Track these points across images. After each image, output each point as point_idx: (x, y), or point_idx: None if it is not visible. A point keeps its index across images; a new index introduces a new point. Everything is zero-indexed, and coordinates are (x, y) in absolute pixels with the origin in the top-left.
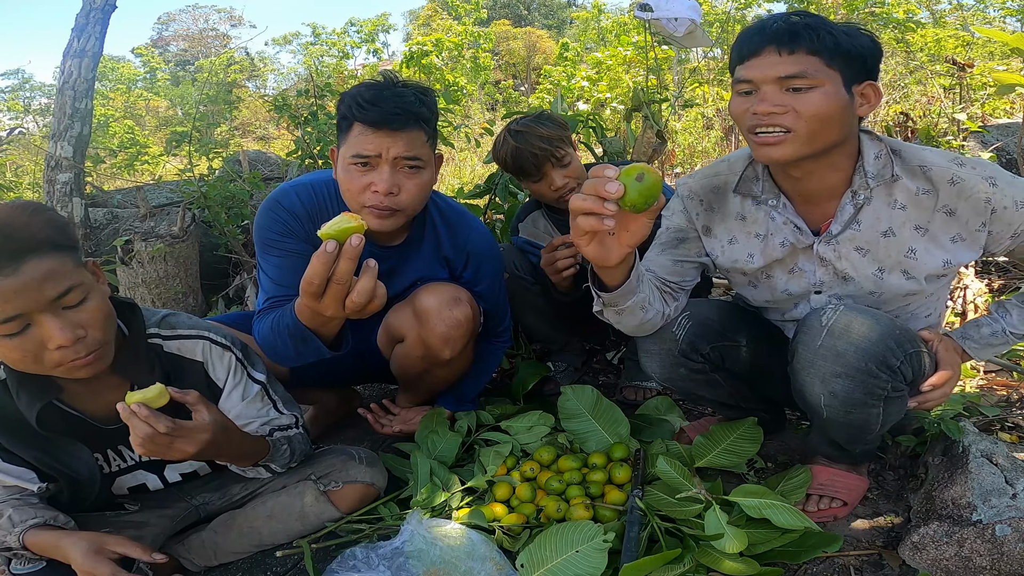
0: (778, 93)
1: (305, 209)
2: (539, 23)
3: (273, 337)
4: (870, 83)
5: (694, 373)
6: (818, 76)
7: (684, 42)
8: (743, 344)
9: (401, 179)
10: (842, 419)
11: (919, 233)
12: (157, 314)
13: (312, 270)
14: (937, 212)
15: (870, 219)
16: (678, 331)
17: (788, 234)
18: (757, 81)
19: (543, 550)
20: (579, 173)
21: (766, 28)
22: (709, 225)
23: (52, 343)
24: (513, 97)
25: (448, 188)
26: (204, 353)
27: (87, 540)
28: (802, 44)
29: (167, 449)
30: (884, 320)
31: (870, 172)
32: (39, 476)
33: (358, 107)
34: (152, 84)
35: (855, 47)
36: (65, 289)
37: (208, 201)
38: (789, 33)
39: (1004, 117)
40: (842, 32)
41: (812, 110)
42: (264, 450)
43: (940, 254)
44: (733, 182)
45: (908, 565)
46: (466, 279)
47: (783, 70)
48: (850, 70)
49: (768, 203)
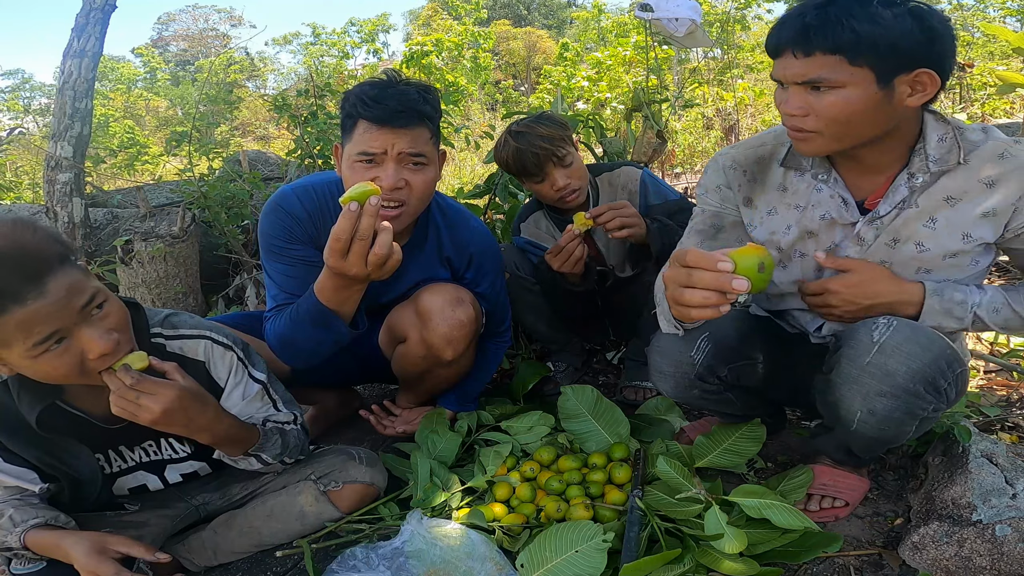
0: (802, 94)
1: (306, 211)
2: (539, 23)
3: (291, 330)
4: (924, 71)
5: (708, 393)
6: (838, 77)
7: (685, 42)
8: (759, 361)
9: (406, 175)
10: (873, 434)
11: (948, 203)
12: (159, 314)
13: (339, 228)
14: (978, 182)
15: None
16: (696, 355)
17: (832, 208)
18: (784, 81)
19: (543, 550)
20: (581, 172)
21: (784, 25)
22: (751, 196)
23: (94, 352)
24: (513, 97)
25: (448, 188)
26: (206, 352)
27: (90, 540)
28: (817, 46)
29: (134, 406)
30: (937, 339)
31: (932, 155)
32: (40, 476)
33: (363, 104)
34: (152, 84)
35: (888, 38)
36: (89, 297)
37: (208, 201)
38: (802, 34)
39: (1004, 117)
40: (871, 22)
41: (831, 113)
42: (254, 437)
43: (963, 225)
44: (781, 153)
45: (908, 565)
46: (468, 279)
47: (800, 74)
48: (888, 63)
49: (818, 177)
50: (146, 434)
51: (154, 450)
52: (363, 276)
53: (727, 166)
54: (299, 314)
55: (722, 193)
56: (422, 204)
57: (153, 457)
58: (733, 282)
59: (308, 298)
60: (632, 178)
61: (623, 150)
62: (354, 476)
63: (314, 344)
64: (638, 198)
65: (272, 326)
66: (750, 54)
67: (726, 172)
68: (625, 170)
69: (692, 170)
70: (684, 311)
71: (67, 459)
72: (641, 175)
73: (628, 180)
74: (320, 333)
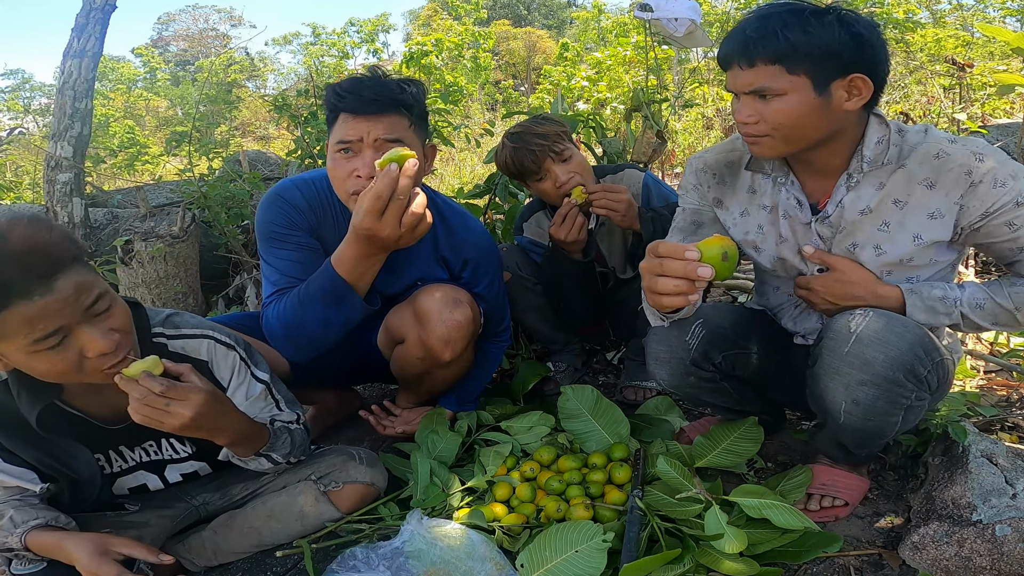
0: (751, 102)
1: (307, 202)
2: (539, 23)
3: (299, 310)
4: (857, 76)
5: (703, 381)
6: (779, 85)
7: (684, 42)
8: (754, 351)
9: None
10: (859, 425)
11: (897, 207)
12: (161, 314)
13: (379, 186)
14: (918, 185)
15: (852, 198)
16: (691, 340)
17: (790, 209)
18: (735, 91)
19: (543, 550)
20: (583, 167)
21: (730, 39)
22: (720, 198)
23: (94, 351)
24: (513, 97)
25: (448, 188)
26: (208, 352)
27: (92, 541)
28: (758, 56)
29: (163, 414)
30: (913, 327)
31: (867, 156)
32: (40, 477)
33: (337, 96)
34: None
35: (822, 46)
36: (96, 298)
37: (208, 201)
38: (744, 47)
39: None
40: (804, 32)
41: (778, 119)
42: (264, 437)
43: (912, 227)
44: (746, 159)
45: (908, 565)
46: (465, 279)
47: (746, 84)
48: (823, 70)
49: (778, 180)
50: (147, 434)
51: (155, 450)
52: (394, 238)
53: (699, 168)
54: (309, 292)
55: (699, 192)
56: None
57: (153, 457)
58: (699, 270)
59: (322, 274)
60: (635, 181)
61: (623, 150)
62: (354, 476)
63: (323, 326)
64: (641, 200)
65: (274, 310)
66: None
67: (697, 174)
68: (629, 172)
69: None
70: (657, 299)
71: (66, 459)
72: (644, 178)
73: (631, 183)
74: (331, 312)
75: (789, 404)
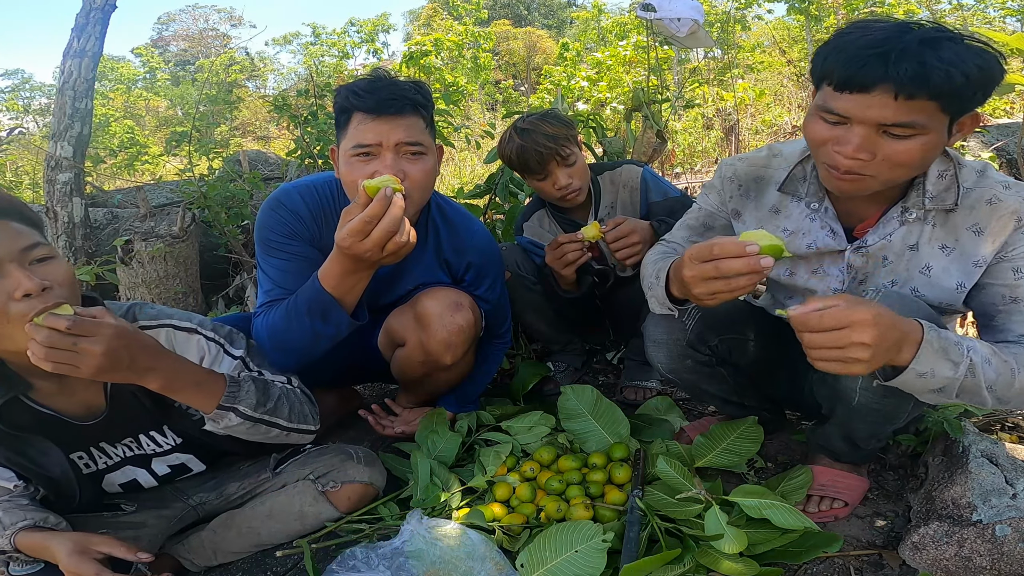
0: (871, 136)
1: (308, 210)
2: (539, 23)
3: (287, 322)
4: (972, 113)
5: (700, 365)
6: (928, 124)
7: (686, 42)
8: (751, 338)
9: (405, 165)
10: (876, 405)
11: (944, 252)
12: (122, 307)
13: (372, 211)
14: (966, 230)
15: (904, 233)
16: (688, 321)
17: (821, 238)
18: (854, 120)
19: (543, 550)
20: (584, 172)
21: (888, 59)
22: (739, 210)
23: (19, 291)
24: (513, 97)
25: (448, 188)
26: (168, 340)
27: (72, 540)
28: (927, 90)
29: (72, 355)
30: (924, 308)
31: (929, 191)
32: (17, 475)
33: (355, 96)
34: (152, 84)
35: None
36: (33, 243)
37: (208, 201)
38: (920, 77)
39: (1004, 117)
40: (962, 66)
41: (902, 159)
42: (220, 384)
43: (957, 275)
44: (780, 178)
45: (908, 565)
46: (467, 282)
47: (892, 117)
48: (959, 109)
49: (811, 206)
50: (125, 430)
51: (136, 445)
52: (375, 260)
53: (727, 176)
54: (297, 305)
55: (721, 197)
56: (424, 195)
57: (137, 452)
58: (762, 261)
59: (310, 287)
60: (633, 176)
61: (623, 150)
62: (352, 476)
63: (310, 338)
64: (639, 196)
65: (264, 320)
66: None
67: (724, 182)
68: (626, 168)
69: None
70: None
71: (35, 456)
72: (642, 173)
73: (629, 178)
74: (318, 325)
75: (788, 402)
